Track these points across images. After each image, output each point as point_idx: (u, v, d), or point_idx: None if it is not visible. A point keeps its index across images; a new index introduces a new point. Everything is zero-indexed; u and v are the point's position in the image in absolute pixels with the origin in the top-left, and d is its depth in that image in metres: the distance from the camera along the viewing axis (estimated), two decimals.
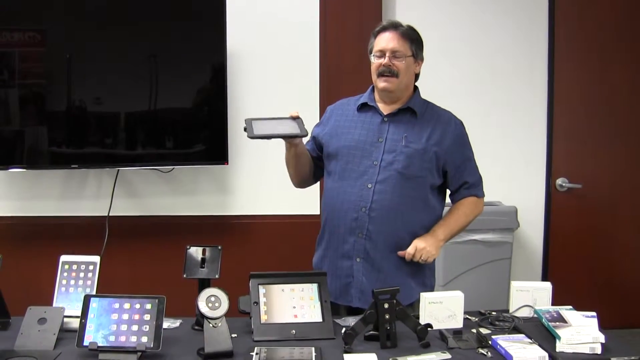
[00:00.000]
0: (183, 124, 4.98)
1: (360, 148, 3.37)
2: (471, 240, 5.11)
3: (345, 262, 3.36)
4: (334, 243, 3.42)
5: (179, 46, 4.84)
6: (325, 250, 3.48)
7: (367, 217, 3.30)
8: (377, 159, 3.33)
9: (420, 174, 3.34)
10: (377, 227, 3.30)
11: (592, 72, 5.58)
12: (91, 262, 3.09)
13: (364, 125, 3.43)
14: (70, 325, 2.87)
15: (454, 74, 5.44)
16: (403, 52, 3.34)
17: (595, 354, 2.67)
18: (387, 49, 3.32)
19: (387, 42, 3.33)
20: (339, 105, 3.61)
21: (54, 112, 4.84)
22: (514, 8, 5.49)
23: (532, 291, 3.20)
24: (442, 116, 3.48)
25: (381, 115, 3.42)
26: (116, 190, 4.99)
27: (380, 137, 3.37)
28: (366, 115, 3.45)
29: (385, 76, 3.33)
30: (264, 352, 2.65)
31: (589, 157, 5.64)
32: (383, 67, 3.33)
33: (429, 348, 2.76)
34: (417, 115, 3.41)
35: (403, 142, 3.34)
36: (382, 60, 3.33)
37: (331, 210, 3.44)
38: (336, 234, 3.40)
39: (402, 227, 3.33)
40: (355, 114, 3.48)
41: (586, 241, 5.68)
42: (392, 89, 3.36)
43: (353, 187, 3.33)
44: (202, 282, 2.96)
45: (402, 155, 3.32)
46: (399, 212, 3.31)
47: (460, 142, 3.47)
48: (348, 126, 3.45)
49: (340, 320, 3.11)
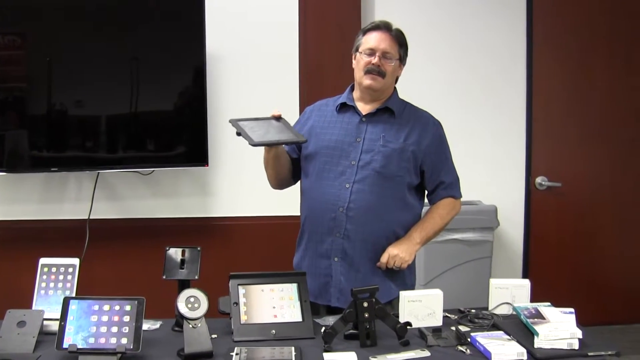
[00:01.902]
0: (163, 126, 4.97)
1: (338, 148, 3.37)
2: (452, 240, 5.13)
3: (323, 261, 3.37)
4: (313, 243, 3.42)
5: (159, 49, 4.82)
6: (304, 250, 3.49)
7: (345, 217, 3.31)
8: (355, 158, 3.34)
9: (398, 174, 3.34)
10: (355, 226, 3.31)
11: (570, 72, 5.62)
12: (70, 264, 3.08)
13: (342, 125, 3.43)
14: (50, 328, 2.86)
15: (434, 74, 5.45)
16: (393, 55, 3.37)
17: (573, 350, 2.70)
18: (378, 48, 3.34)
19: (379, 42, 3.35)
20: (318, 106, 3.61)
21: (35, 116, 4.81)
22: (493, 9, 5.52)
23: (511, 288, 3.22)
24: (420, 116, 3.50)
25: (359, 115, 3.42)
26: (97, 193, 4.96)
27: (358, 137, 3.38)
28: (345, 115, 3.46)
29: (373, 74, 3.34)
30: (244, 352, 2.66)
31: (568, 156, 5.68)
32: (372, 66, 3.33)
33: (409, 346, 2.78)
34: (395, 115, 3.42)
35: (381, 142, 3.35)
36: (372, 58, 3.34)
37: (310, 211, 3.46)
38: (315, 233, 3.41)
39: (380, 226, 3.34)
40: (334, 114, 3.49)
41: (566, 239, 5.72)
42: (377, 87, 3.37)
43: (331, 187, 3.34)
44: (182, 283, 2.97)
45: (380, 154, 3.33)
46: (377, 212, 3.32)
47: (437, 142, 3.48)
48: (327, 127, 3.46)
49: (320, 319, 3.12)
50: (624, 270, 5.84)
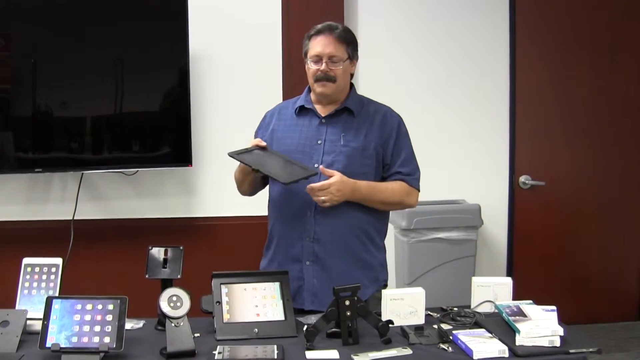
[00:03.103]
0: (147, 127, 4.99)
1: (300, 151, 3.35)
2: (435, 239, 5.15)
3: (295, 265, 3.35)
4: (282, 248, 3.41)
5: (143, 49, 4.84)
6: (274, 254, 3.47)
7: (313, 220, 3.31)
8: (318, 160, 3.32)
9: (362, 171, 3.33)
10: (323, 228, 3.31)
11: (553, 70, 5.65)
12: (54, 264, 3.08)
13: (302, 128, 3.42)
14: (34, 328, 2.85)
15: (418, 75, 5.48)
16: (340, 57, 3.32)
17: (554, 347, 2.71)
18: (323, 54, 3.30)
19: (324, 47, 3.31)
20: (277, 109, 3.58)
21: (19, 117, 4.82)
22: (475, 8, 5.53)
23: (493, 286, 3.23)
24: (378, 111, 3.48)
25: (319, 117, 3.41)
26: (81, 194, 4.97)
27: (319, 139, 3.37)
28: (304, 118, 3.44)
29: (323, 81, 3.31)
30: (227, 351, 2.67)
31: (551, 155, 5.71)
32: (320, 73, 3.31)
33: (391, 344, 2.79)
34: (354, 114, 3.41)
35: (341, 142, 3.34)
36: (319, 65, 3.31)
37: (277, 215, 3.45)
38: (284, 238, 3.40)
39: (348, 226, 3.34)
40: (293, 117, 3.46)
41: (550, 238, 5.75)
42: (329, 93, 3.35)
43: (298, 191, 3.30)
44: (165, 282, 2.97)
45: (342, 155, 3.32)
46: (344, 212, 3.30)
47: (396, 134, 3.45)
48: (287, 130, 3.44)
49: (302, 318, 3.13)
50: (608, 269, 5.88)
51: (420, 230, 5.13)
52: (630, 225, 5.86)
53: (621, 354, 5.27)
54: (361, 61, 5.42)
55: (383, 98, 5.41)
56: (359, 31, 5.36)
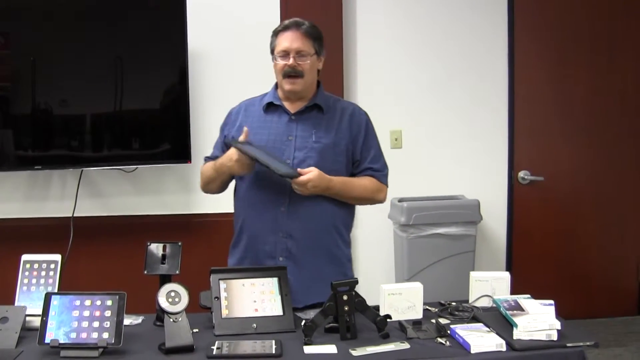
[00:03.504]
0: (146, 124, 5.02)
1: (270, 147, 3.32)
2: (435, 234, 5.15)
3: (268, 262, 3.33)
4: (254, 245, 3.40)
5: (142, 48, 4.87)
6: (245, 252, 3.44)
7: (285, 216, 3.31)
8: (290, 156, 3.32)
9: (334, 168, 3.33)
10: (296, 223, 3.31)
11: (552, 67, 5.66)
12: (52, 260, 3.09)
13: (272, 124, 3.40)
14: (33, 324, 2.86)
15: (417, 72, 5.50)
16: (307, 52, 3.31)
17: (552, 341, 2.71)
18: (291, 49, 3.30)
19: (291, 42, 3.31)
20: (243, 106, 3.57)
21: (19, 115, 4.84)
22: (475, 8, 5.55)
23: (491, 281, 3.24)
24: (346, 108, 3.48)
25: (288, 114, 3.40)
26: (80, 191, 4.98)
27: (290, 135, 3.36)
28: (273, 114, 3.43)
29: (291, 77, 3.31)
30: (226, 346, 2.68)
31: (550, 151, 5.71)
32: (288, 68, 3.30)
33: (389, 339, 2.80)
34: (323, 110, 3.41)
35: (313, 138, 3.34)
36: (287, 60, 3.30)
37: (249, 213, 3.43)
38: (256, 236, 3.39)
39: (321, 222, 3.35)
40: (261, 114, 3.45)
41: (549, 233, 5.75)
42: (298, 89, 3.35)
43: (270, 187, 3.31)
44: (163, 278, 2.98)
45: (314, 151, 3.32)
46: (316, 208, 3.31)
47: (365, 132, 3.46)
48: (256, 127, 3.40)
49: (301, 313, 3.14)
50: (607, 263, 5.88)
51: (419, 225, 5.13)
52: (629, 219, 5.87)
53: (620, 348, 5.27)
54: (360, 59, 5.48)
55: (383, 96, 5.45)
56: (357, 30, 5.38)
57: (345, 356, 2.65)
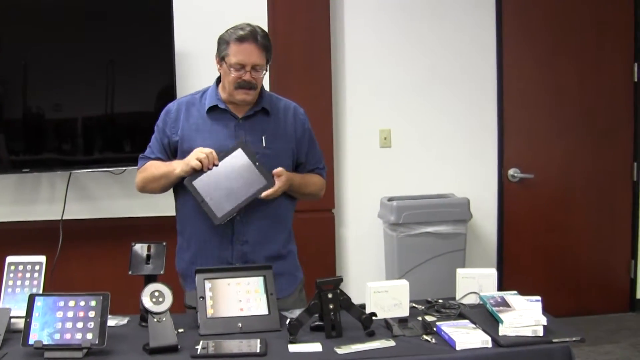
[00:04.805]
0: (135, 127, 5.01)
1: (217, 152, 3.20)
2: (425, 233, 5.16)
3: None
4: (205, 251, 3.32)
5: (131, 51, 4.89)
6: (195, 257, 3.35)
7: (240, 223, 3.26)
8: None
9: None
10: (251, 227, 3.27)
11: (540, 64, 5.68)
12: (37, 262, 3.07)
13: (217, 128, 3.31)
14: (18, 326, 2.84)
15: (405, 70, 5.51)
16: (262, 65, 3.24)
17: (537, 336, 2.71)
18: (248, 63, 3.20)
19: (249, 56, 3.21)
20: (183, 106, 3.41)
21: (9, 119, 4.85)
22: (462, 6, 5.56)
23: (477, 278, 3.23)
24: (288, 107, 3.43)
25: (235, 118, 3.32)
26: (69, 194, 4.97)
27: (238, 139, 3.27)
28: (218, 118, 3.33)
29: (245, 89, 3.23)
30: (211, 345, 2.67)
31: (540, 148, 5.73)
32: (243, 82, 3.21)
33: (374, 336, 2.79)
34: (269, 113, 3.35)
35: (263, 144, 3.28)
36: (241, 73, 3.21)
37: (196, 219, 3.34)
38: (209, 242, 3.32)
39: (275, 226, 3.33)
40: (204, 117, 3.34)
41: (539, 230, 5.76)
42: (251, 100, 3.28)
43: None
44: (148, 278, 2.96)
45: (266, 157, 3.24)
46: (268, 211, 3.28)
47: (308, 133, 3.45)
48: (201, 129, 3.32)
49: (287, 312, 3.13)
50: (598, 260, 5.90)
51: (409, 224, 5.13)
52: (619, 215, 5.89)
53: (611, 345, 5.28)
54: (348, 60, 5.47)
55: (372, 95, 5.45)
56: (345, 30, 5.39)
57: (330, 354, 2.64)
